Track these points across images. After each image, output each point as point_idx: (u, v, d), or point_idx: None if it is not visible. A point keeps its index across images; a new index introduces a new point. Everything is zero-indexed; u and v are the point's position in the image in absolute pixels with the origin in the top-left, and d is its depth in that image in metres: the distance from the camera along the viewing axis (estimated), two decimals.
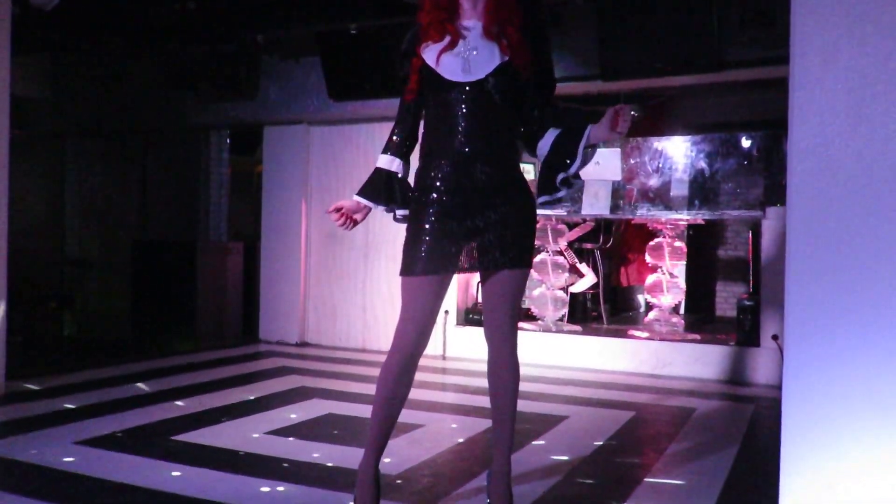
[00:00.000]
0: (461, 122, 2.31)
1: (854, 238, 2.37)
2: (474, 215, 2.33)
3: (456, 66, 2.30)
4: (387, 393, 2.39)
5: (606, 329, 6.59)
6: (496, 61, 2.29)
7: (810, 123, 2.42)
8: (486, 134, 2.32)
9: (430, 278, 2.33)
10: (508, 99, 2.33)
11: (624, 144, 6.66)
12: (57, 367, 5.31)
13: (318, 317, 6.96)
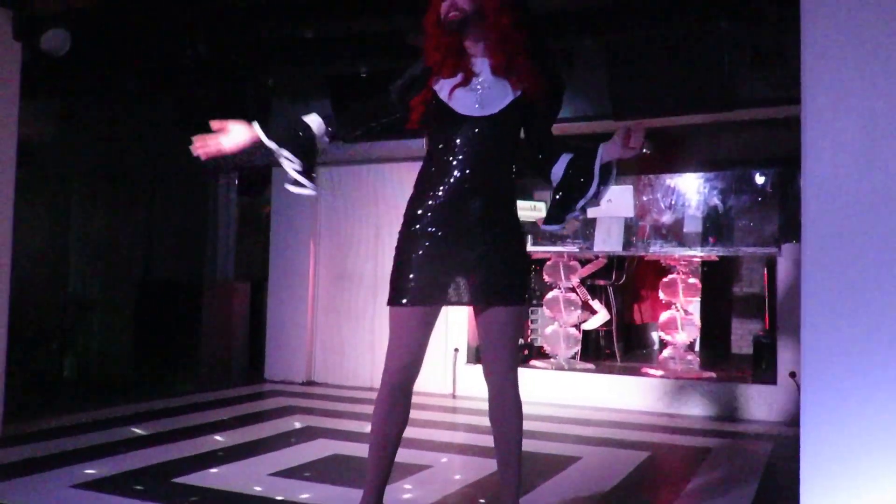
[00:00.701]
0: (465, 157, 2.31)
1: (870, 275, 2.35)
2: (467, 249, 2.30)
3: (470, 102, 2.32)
4: (378, 428, 2.38)
5: (620, 367, 6.49)
6: (509, 97, 2.32)
7: (823, 162, 2.41)
8: (487, 170, 2.33)
9: (418, 309, 2.31)
10: (515, 134, 2.36)
11: (636, 181, 6.63)
12: (57, 409, 5.23)
13: (325, 355, 6.89)
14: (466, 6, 2.29)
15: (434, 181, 2.36)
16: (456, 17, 2.30)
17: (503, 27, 2.31)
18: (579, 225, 6.68)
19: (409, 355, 2.35)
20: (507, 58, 2.32)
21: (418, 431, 4.69)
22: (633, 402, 5.70)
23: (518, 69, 2.32)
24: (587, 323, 6.65)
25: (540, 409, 5.64)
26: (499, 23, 2.31)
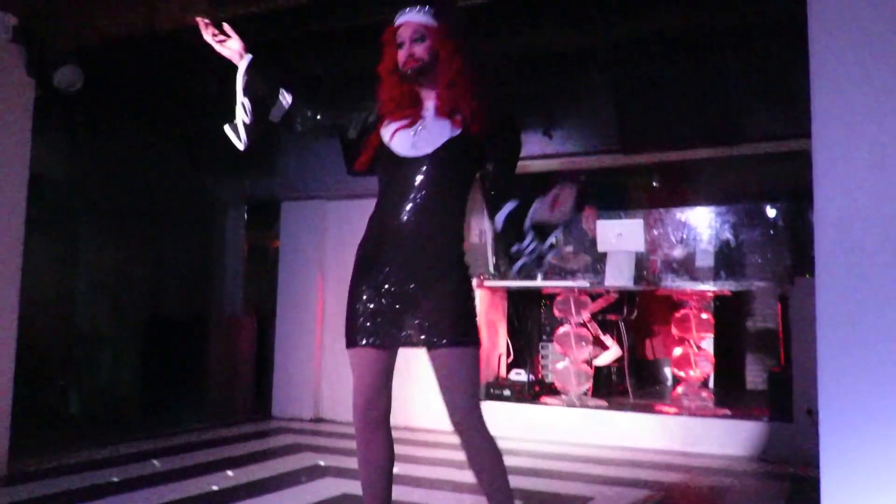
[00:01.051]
0: (408, 197, 2.33)
1: (886, 309, 2.31)
2: (412, 290, 2.31)
3: (407, 143, 2.36)
4: (362, 467, 2.40)
5: (633, 404, 6.38)
6: (446, 136, 2.33)
7: (834, 197, 2.39)
8: (430, 209, 2.32)
9: (371, 350, 2.33)
10: (459, 173, 2.36)
11: (646, 215, 6.60)
12: (63, 446, 5.19)
13: (333, 392, 6.82)
14: (424, 55, 2.33)
15: (380, 222, 2.39)
16: (415, 66, 2.34)
17: (453, 72, 2.33)
18: (589, 260, 6.64)
19: (367, 394, 2.35)
20: (451, 99, 2.34)
21: (430, 470, 4.62)
22: (646, 440, 5.60)
23: (461, 109, 2.33)
24: (599, 359, 6.56)
25: (551, 447, 5.55)
26: (450, 68, 2.33)
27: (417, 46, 2.34)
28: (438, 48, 2.33)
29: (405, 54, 2.35)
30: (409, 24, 2.35)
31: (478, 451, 2.32)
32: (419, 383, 6.46)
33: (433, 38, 2.34)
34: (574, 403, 6.12)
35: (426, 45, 2.34)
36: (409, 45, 2.35)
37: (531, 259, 2.34)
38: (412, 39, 2.35)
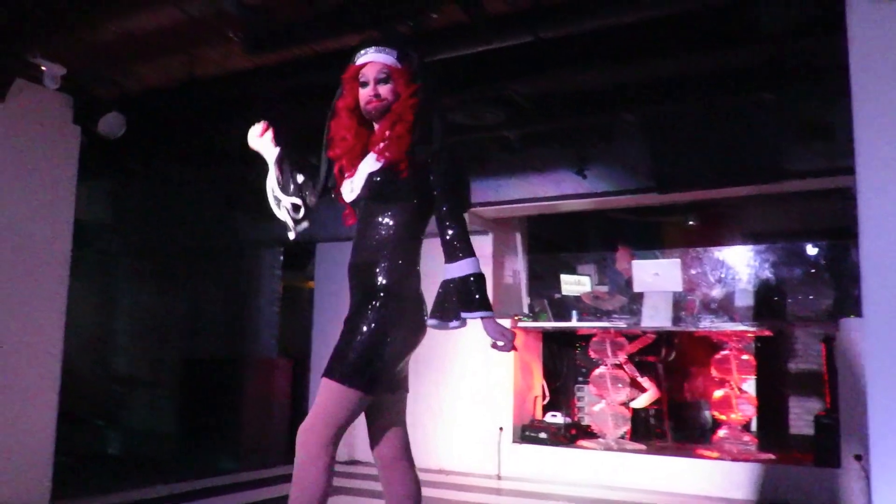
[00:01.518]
0: (356, 238, 2.38)
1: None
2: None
3: (348, 188, 2.42)
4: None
5: (672, 447, 6.23)
6: (367, 171, 2.35)
7: (881, 237, 2.34)
8: (370, 247, 2.33)
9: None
10: (387, 206, 2.32)
11: (683, 255, 6.52)
12: (102, 487, 5.21)
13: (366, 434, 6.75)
14: (388, 96, 2.34)
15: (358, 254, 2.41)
16: (378, 106, 2.35)
17: (406, 111, 2.33)
18: (625, 301, 6.56)
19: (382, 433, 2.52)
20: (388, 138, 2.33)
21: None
22: (687, 485, 5.45)
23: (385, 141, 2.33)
24: (636, 401, 6.44)
25: (588, 491, 5.44)
26: (403, 108, 2.33)
27: (382, 87, 2.34)
28: (401, 90, 2.34)
29: (369, 94, 2.35)
30: (375, 64, 2.35)
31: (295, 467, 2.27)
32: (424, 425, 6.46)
33: (397, 79, 2.35)
34: (612, 447, 6.00)
35: (390, 87, 2.34)
36: (373, 85, 2.35)
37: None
38: (377, 80, 2.34)
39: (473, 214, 6.32)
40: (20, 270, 4.42)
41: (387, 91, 2.33)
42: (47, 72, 4.39)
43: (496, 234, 6.62)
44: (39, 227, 4.54)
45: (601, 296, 6.55)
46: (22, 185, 4.46)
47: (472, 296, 2.24)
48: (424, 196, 2.32)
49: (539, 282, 6.90)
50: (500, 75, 4.78)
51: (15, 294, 4.39)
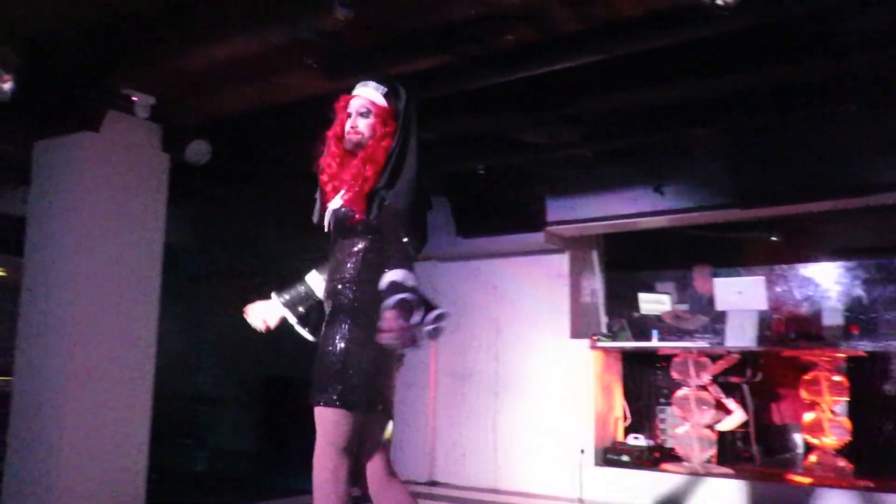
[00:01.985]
0: (329, 264, 2.57)
1: None
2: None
3: (327, 216, 2.58)
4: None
5: (761, 472, 6.00)
6: (332, 207, 2.53)
7: None
8: (339, 273, 2.50)
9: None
10: (348, 239, 2.49)
11: (768, 272, 6.32)
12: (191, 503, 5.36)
13: (446, 455, 6.77)
14: (364, 130, 2.49)
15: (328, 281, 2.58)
16: (354, 138, 2.50)
17: (378, 149, 2.46)
18: (706, 320, 6.39)
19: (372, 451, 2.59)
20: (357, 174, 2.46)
21: None
22: None
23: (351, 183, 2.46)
24: (722, 423, 6.23)
25: None
26: (376, 145, 2.47)
27: (361, 120, 2.50)
28: (378, 128, 2.48)
29: (349, 126, 2.52)
30: (360, 98, 2.53)
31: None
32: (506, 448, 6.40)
33: (376, 116, 2.49)
34: (697, 471, 5.83)
35: (368, 123, 2.50)
36: (354, 116, 2.52)
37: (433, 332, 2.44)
38: (358, 112, 2.51)
39: (549, 233, 6.29)
40: (114, 295, 4.60)
41: (364, 125, 2.50)
42: (138, 102, 4.61)
43: (572, 253, 6.57)
44: (132, 252, 4.72)
45: (682, 315, 6.40)
46: (116, 211, 4.66)
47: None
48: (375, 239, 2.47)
49: (617, 301, 6.80)
50: (574, 93, 4.76)
51: (110, 318, 4.56)
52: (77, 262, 4.47)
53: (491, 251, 6.69)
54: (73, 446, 4.33)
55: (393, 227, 2.41)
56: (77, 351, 4.40)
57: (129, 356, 4.66)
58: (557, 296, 6.47)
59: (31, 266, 4.72)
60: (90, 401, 4.43)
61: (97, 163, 4.63)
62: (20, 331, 4.69)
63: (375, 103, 2.51)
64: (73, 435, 4.34)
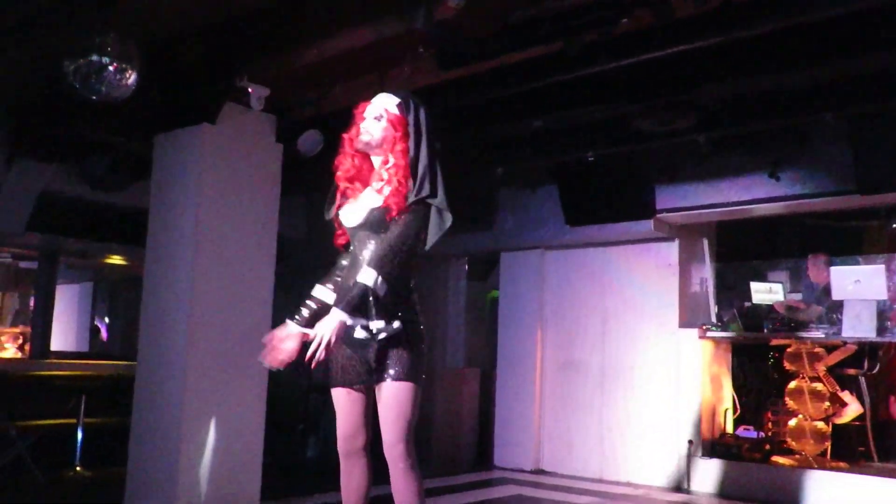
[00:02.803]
0: (356, 257, 2.73)
1: None
2: (363, 335, 2.62)
3: (348, 215, 2.77)
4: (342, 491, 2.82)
5: (879, 468, 5.77)
6: (369, 206, 2.70)
7: None
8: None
9: (341, 389, 2.75)
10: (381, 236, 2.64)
11: (888, 260, 6.03)
12: (303, 489, 5.53)
13: (553, 444, 6.75)
14: (376, 133, 2.71)
15: (343, 281, 2.78)
16: (364, 138, 2.72)
17: (396, 153, 2.67)
18: (822, 310, 6.15)
19: (345, 428, 2.76)
20: (385, 177, 2.68)
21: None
22: None
23: (390, 186, 2.64)
24: (837, 417, 6.01)
25: None
26: (392, 150, 2.68)
27: (374, 124, 2.73)
28: (389, 132, 2.70)
29: (362, 127, 2.74)
30: (375, 105, 2.77)
31: (396, 483, 2.66)
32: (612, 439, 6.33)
33: (390, 122, 2.71)
34: (811, 465, 5.66)
35: (381, 126, 2.72)
36: (368, 120, 2.74)
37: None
38: (373, 117, 2.74)
39: (659, 221, 6.15)
40: (230, 284, 4.68)
41: (377, 128, 2.72)
42: (253, 94, 4.67)
43: (682, 241, 6.42)
44: (247, 242, 4.80)
45: (796, 305, 6.17)
46: (232, 201, 4.73)
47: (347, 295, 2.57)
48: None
49: (728, 290, 6.62)
50: (690, 80, 4.62)
51: (227, 308, 4.64)
52: (195, 252, 4.55)
53: (599, 240, 6.60)
54: (192, 433, 4.44)
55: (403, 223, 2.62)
56: (196, 339, 4.50)
57: (245, 345, 4.73)
58: (666, 285, 6.35)
59: (153, 256, 4.85)
60: (209, 389, 4.53)
61: (214, 154, 4.70)
62: (142, 319, 4.83)
63: (388, 110, 2.73)
64: (193, 422, 4.45)
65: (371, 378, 2.67)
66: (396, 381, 2.61)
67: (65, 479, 5.66)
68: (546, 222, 6.70)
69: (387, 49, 4.37)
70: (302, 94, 4.97)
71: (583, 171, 6.05)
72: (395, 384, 2.61)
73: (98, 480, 5.62)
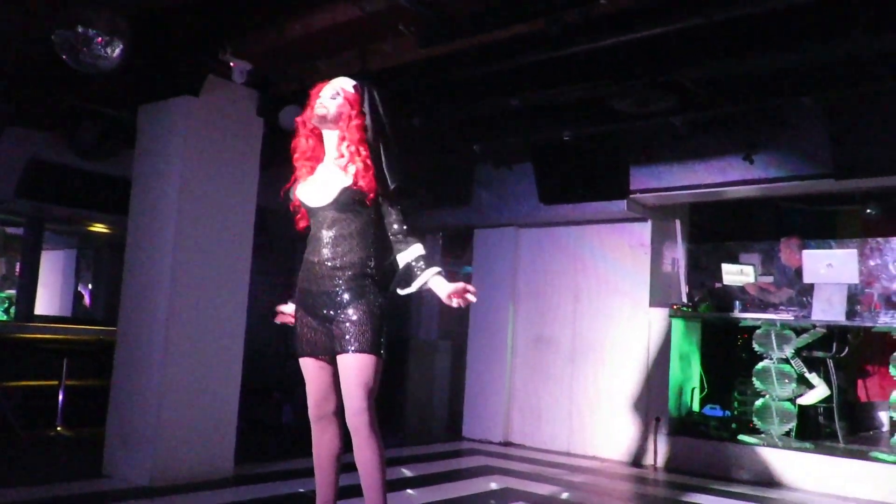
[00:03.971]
0: (321, 236, 2.83)
1: None
2: (328, 309, 2.79)
3: (312, 195, 2.85)
4: (313, 452, 2.91)
5: (843, 449, 5.92)
6: (339, 186, 2.78)
7: None
8: (338, 244, 2.81)
9: (308, 359, 2.87)
10: (357, 215, 2.80)
11: (861, 245, 6.14)
12: (278, 454, 5.65)
13: (522, 417, 6.89)
14: (331, 108, 2.82)
15: (307, 260, 2.89)
16: (320, 112, 2.82)
17: (351, 129, 2.80)
18: (792, 293, 6.28)
19: (314, 396, 2.87)
20: (344, 155, 2.79)
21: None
22: (859, 489, 5.20)
23: (354, 165, 2.76)
24: (803, 398, 6.15)
25: (748, 489, 5.32)
26: (348, 127, 2.80)
27: (329, 101, 2.83)
28: (345, 109, 2.81)
29: (317, 104, 2.84)
30: (332, 85, 2.88)
31: (359, 450, 2.69)
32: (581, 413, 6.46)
33: (346, 99, 2.83)
34: (775, 444, 5.79)
35: (336, 102, 2.83)
36: (323, 97, 2.85)
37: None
38: (328, 96, 2.85)
39: (633, 201, 6.24)
40: (209, 253, 4.78)
41: (332, 105, 2.82)
42: (236, 68, 4.73)
43: (655, 222, 6.51)
44: (227, 212, 4.88)
45: (767, 287, 6.30)
46: (212, 172, 4.82)
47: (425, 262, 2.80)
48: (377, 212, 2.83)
49: (700, 271, 6.74)
50: (669, 60, 4.68)
51: (205, 276, 4.75)
52: (177, 220, 4.64)
53: (573, 218, 6.69)
54: (170, 397, 4.55)
55: (394, 204, 2.82)
56: (176, 306, 4.60)
57: (223, 313, 4.85)
58: (638, 264, 6.46)
59: (135, 224, 4.94)
60: (188, 354, 4.64)
61: (196, 126, 4.77)
62: (124, 286, 4.93)
63: (345, 89, 2.86)
64: (172, 385, 4.56)
65: (335, 348, 2.77)
66: (358, 352, 2.71)
67: (46, 438, 5.78)
68: (521, 200, 6.78)
69: (369, 25, 4.41)
70: (285, 69, 5.02)
71: (559, 151, 6.11)
72: (356, 356, 2.71)
73: (79, 440, 5.74)
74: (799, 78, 4.88)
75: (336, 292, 2.78)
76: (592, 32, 4.19)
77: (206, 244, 4.78)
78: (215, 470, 4.71)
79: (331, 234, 2.81)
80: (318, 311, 2.81)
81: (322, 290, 2.80)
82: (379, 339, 2.76)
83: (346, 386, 2.72)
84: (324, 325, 2.80)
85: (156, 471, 4.45)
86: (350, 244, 2.80)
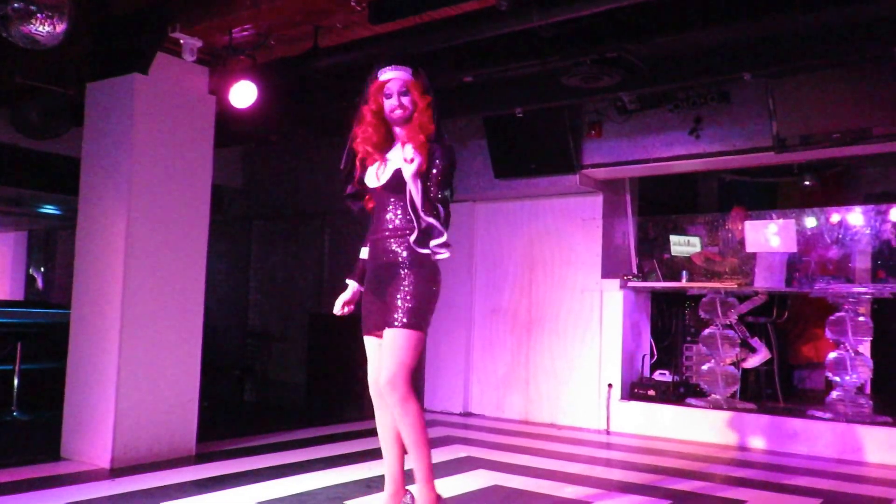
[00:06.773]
0: (379, 215, 3.04)
1: None
2: (384, 285, 2.99)
3: (373, 177, 3.04)
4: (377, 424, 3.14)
5: (783, 408, 6.20)
6: (392, 171, 2.96)
7: None
8: (391, 223, 3.00)
9: (367, 337, 3.13)
10: (406, 197, 2.93)
11: (799, 216, 6.38)
12: (239, 431, 5.69)
13: (481, 388, 7.04)
14: (409, 105, 2.98)
15: (371, 237, 3.09)
16: (402, 114, 2.98)
17: (424, 119, 2.96)
18: (736, 262, 6.51)
19: (372, 372, 3.11)
20: (411, 139, 2.95)
21: (573, 467, 4.73)
22: (798, 445, 5.47)
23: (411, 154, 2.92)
24: (746, 361, 6.42)
25: (697, 449, 5.53)
26: (422, 117, 2.96)
27: (404, 98, 2.97)
28: (418, 101, 2.98)
29: (395, 104, 2.97)
30: (398, 80, 3.00)
31: (395, 417, 2.88)
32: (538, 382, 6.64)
33: (413, 92, 2.99)
34: (721, 405, 6.04)
35: (410, 98, 2.98)
36: (397, 96, 2.97)
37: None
38: (400, 92, 2.98)
39: (584, 175, 6.38)
40: (164, 232, 4.76)
41: (407, 101, 2.98)
42: (185, 45, 4.70)
43: (606, 196, 6.67)
44: (181, 191, 4.86)
45: (713, 257, 6.52)
46: (164, 151, 4.78)
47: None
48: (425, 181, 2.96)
49: (649, 243, 6.93)
50: (616, 37, 4.78)
51: (161, 255, 4.73)
52: (129, 200, 4.60)
53: (526, 193, 6.80)
54: (128, 377, 4.54)
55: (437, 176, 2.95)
56: (131, 286, 4.59)
57: (181, 292, 4.84)
58: (590, 237, 6.62)
59: (86, 205, 4.87)
60: (145, 334, 4.64)
61: (147, 104, 4.71)
62: (77, 267, 4.88)
63: (410, 82, 3.00)
64: (129, 366, 4.55)
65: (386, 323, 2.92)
66: (400, 327, 2.86)
67: (2, 423, 5.72)
68: (476, 175, 6.87)
69: (320, 1, 4.42)
70: (236, 46, 4.98)
71: (511, 126, 6.21)
72: (395, 331, 2.87)
73: (35, 424, 5.70)
74: (740, 53, 5.03)
75: (390, 266, 2.96)
76: (542, 9, 4.25)
77: (160, 223, 4.75)
78: (177, 449, 4.74)
79: (387, 215, 3.00)
80: (377, 288, 3.02)
81: (380, 263, 3.00)
82: (421, 315, 2.90)
83: (384, 357, 2.89)
84: (381, 299, 2.99)
85: (116, 451, 4.45)
86: (402, 221, 2.97)
